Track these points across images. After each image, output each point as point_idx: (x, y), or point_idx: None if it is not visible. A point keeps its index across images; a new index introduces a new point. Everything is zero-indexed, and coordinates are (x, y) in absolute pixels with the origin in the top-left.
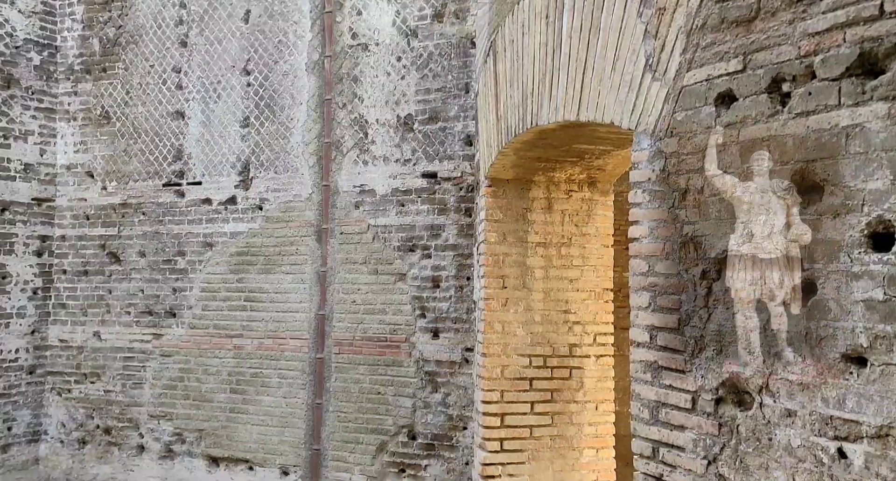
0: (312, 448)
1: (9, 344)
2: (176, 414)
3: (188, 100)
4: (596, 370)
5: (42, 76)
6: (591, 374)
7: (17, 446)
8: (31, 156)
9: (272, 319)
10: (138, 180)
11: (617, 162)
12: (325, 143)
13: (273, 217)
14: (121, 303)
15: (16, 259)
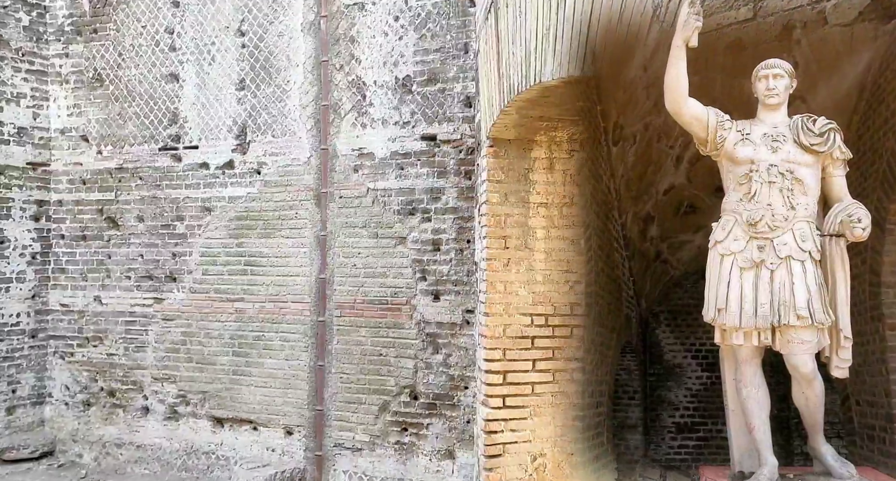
0: (315, 408)
1: (9, 308)
2: (179, 377)
3: (182, 62)
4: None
5: (32, 37)
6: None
7: (22, 408)
8: (25, 120)
9: (273, 283)
10: (134, 144)
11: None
12: (323, 106)
13: (271, 181)
14: (120, 267)
15: (13, 224)
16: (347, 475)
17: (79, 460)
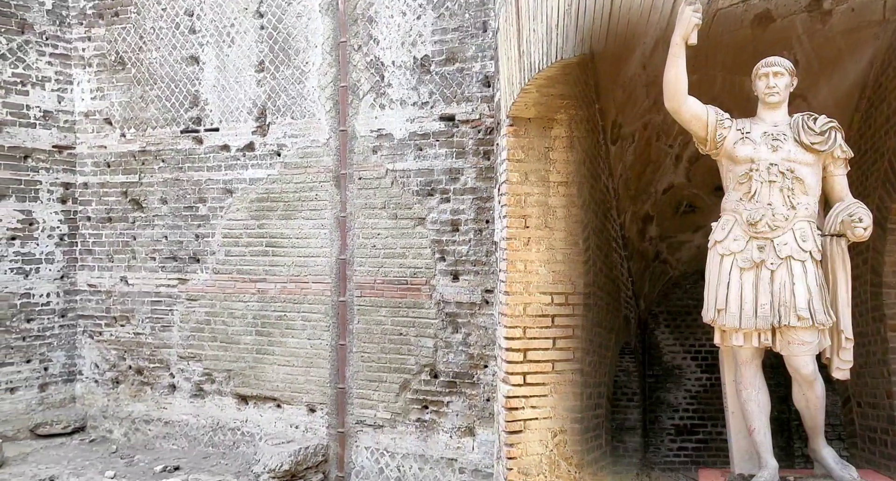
0: (337, 386)
1: (40, 288)
2: (204, 356)
3: (202, 44)
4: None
5: (55, 21)
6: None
7: (54, 385)
8: (50, 103)
9: (294, 264)
10: (156, 127)
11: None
12: (342, 87)
13: (291, 163)
14: (145, 248)
15: (41, 206)
16: (370, 451)
17: (109, 435)
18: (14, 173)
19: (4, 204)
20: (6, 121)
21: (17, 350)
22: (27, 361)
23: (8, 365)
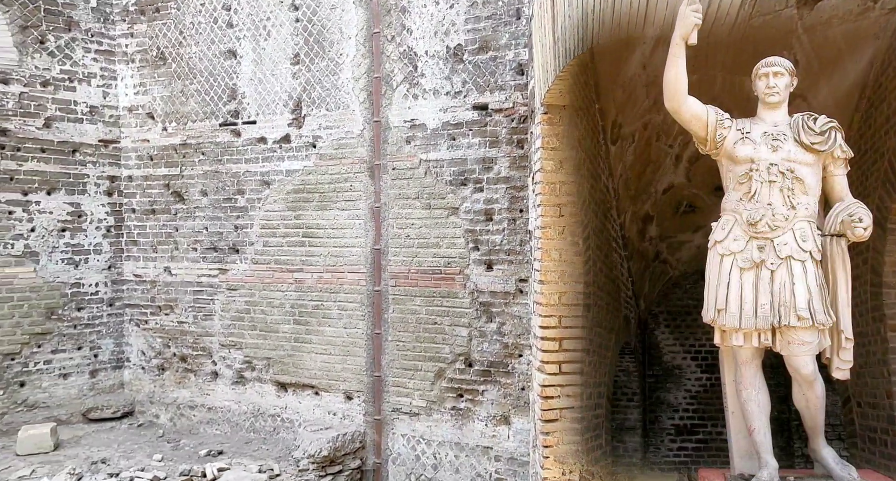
0: (374, 374)
1: (89, 278)
2: (245, 344)
3: (239, 38)
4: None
5: (99, 18)
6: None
7: (103, 371)
8: (96, 99)
9: (330, 254)
10: (196, 120)
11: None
12: (375, 78)
13: (326, 154)
14: (187, 240)
15: (88, 198)
16: (406, 438)
17: (156, 420)
18: (63, 167)
19: (55, 197)
20: (55, 117)
21: (69, 337)
22: (78, 348)
23: (61, 352)
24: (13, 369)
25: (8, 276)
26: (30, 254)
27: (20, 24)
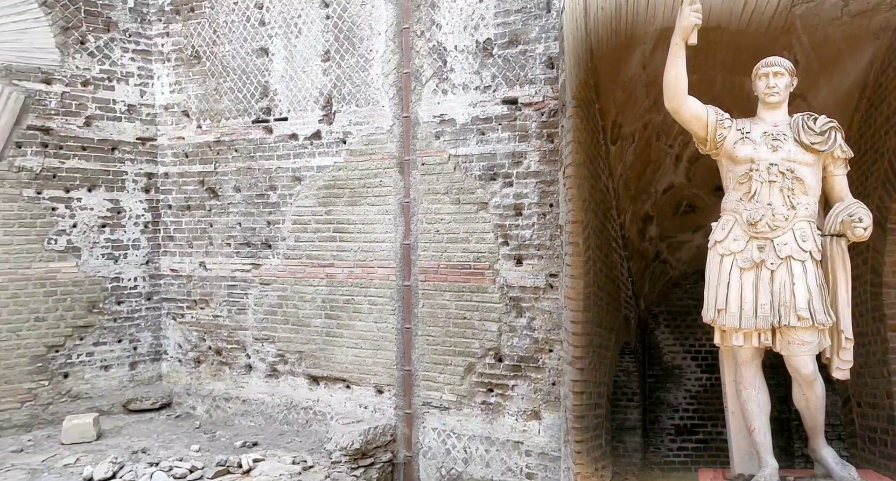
0: (404, 369)
1: (128, 273)
2: (277, 338)
3: (271, 36)
4: None
5: (136, 18)
6: None
7: (142, 364)
8: (133, 98)
9: (360, 249)
10: (229, 118)
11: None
12: (405, 74)
13: (356, 150)
14: (221, 235)
15: (127, 195)
16: (436, 432)
17: (193, 412)
18: (103, 164)
19: (95, 193)
20: (95, 116)
21: (110, 330)
22: (118, 341)
23: (102, 344)
24: (57, 361)
25: (52, 271)
26: (72, 250)
27: (62, 25)
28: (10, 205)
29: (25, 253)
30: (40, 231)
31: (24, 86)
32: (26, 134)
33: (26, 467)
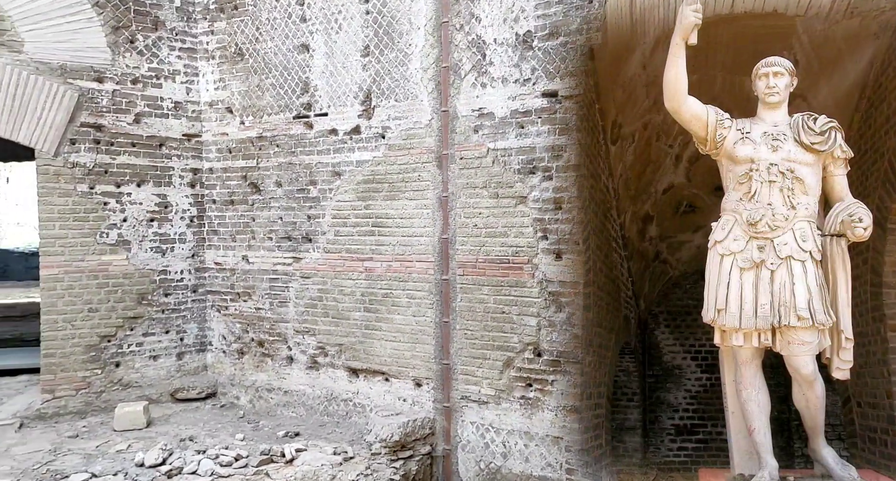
0: (442, 362)
1: (175, 266)
2: (318, 330)
3: (312, 32)
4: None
5: (183, 17)
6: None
7: (189, 354)
8: (180, 95)
9: (398, 243)
10: (271, 114)
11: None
12: (443, 68)
13: (395, 145)
14: (263, 229)
15: (174, 190)
16: (475, 426)
17: (237, 402)
18: (151, 160)
19: (144, 189)
20: (144, 113)
21: (158, 321)
22: (166, 332)
23: (151, 335)
24: (109, 350)
25: (104, 263)
26: (122, 243)
27: (113, 25)
28: (64, 199)
29: (79, 246)
30: (93, 225)
31: (77, 84)
32: (80, 131)
33: (82, 452)
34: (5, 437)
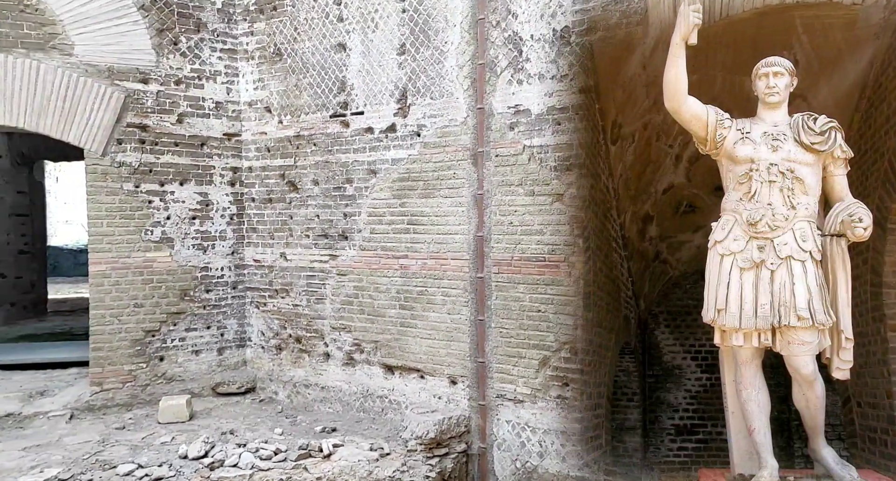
0: (477, 360)
1: (216, 263)
2: (354, 327)
3: (349, 31)
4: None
5: (224, 18)
6: None
7: (229, 350)
8: (220, 95)
9: (433, 241)
10: (308, 113)
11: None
12: (479, 65)
13: (430, 143)
14: (301, 227)
15: (215, 188)
16: (511, 424)
17: (275, 397)
18: (193, 160)
19: (187, 187)
20: (187, 113)
21: (200, 317)
22: (207, 327)
23: (193, 330)
24: (154, 345)
25: (149, 260)
26: (166, 240)
27: (157, 27)
28: (112, 198)
29: (125, 243)
30: (138, 222)
31: (124, 86)
32: (126, 131)
33: (128, 443)
34: (57, 428)
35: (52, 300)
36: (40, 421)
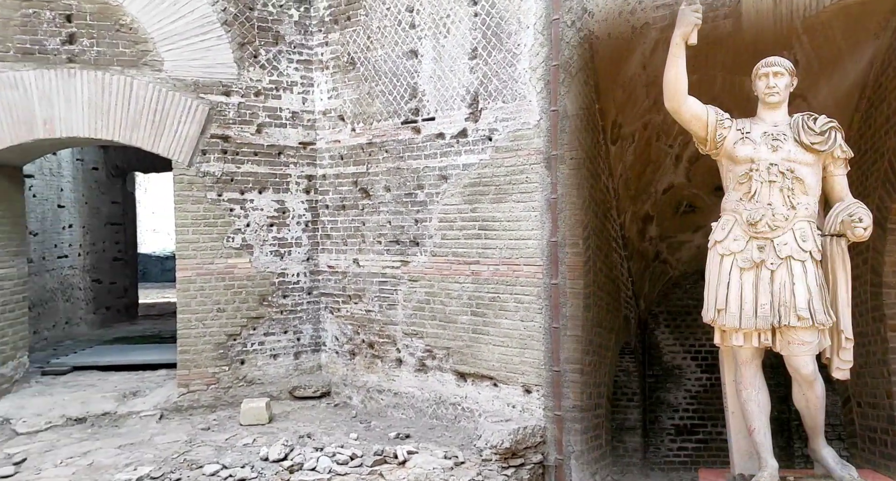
0: (553, 369)
1: (292, 268)
2: (426, 333)
3: (420, 38)
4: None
5: (300, 30)
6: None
7: (304, 354)
8: (296, 105)
9: (505, 246)
10: (380, 120)
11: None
12: (553, 67)
13: (502, 147)
14: (373, 233)
15: (291, 196)
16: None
17: (349, 401)
18: (271, 168)
19: (265, 195)
20: (266, 123)
21: (277, 322)
22: (284, 332)
23: (271, 334)
24: (235, 348)
25: (230, 266)
26: (246, 247)
27: (239, 41)
28: (197, 206)
29: (209, 250)
30: (221, 230)
31: (208, 99)
32: (209, 142)
33: (213, 444)
34: (148, 427)
35: (141, 304)
36: (133, 420)
